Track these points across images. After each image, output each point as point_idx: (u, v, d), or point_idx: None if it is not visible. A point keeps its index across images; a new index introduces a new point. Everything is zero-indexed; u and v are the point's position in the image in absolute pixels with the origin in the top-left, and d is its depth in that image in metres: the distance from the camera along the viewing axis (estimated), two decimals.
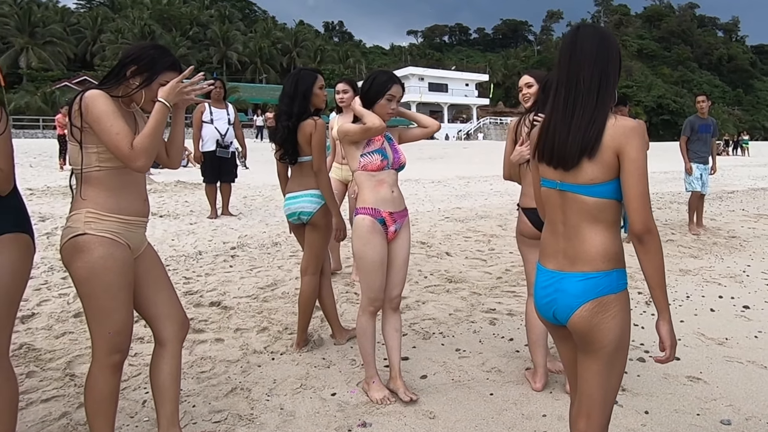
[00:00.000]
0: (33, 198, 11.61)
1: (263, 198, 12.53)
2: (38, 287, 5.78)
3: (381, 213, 3.49)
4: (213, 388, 3.72)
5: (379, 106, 3.51)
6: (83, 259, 2.57)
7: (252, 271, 6.52)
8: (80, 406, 3.46)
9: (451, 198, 13.16)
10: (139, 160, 2.57)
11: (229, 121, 9.55)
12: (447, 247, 7.84)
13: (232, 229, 8.99)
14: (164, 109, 2.66)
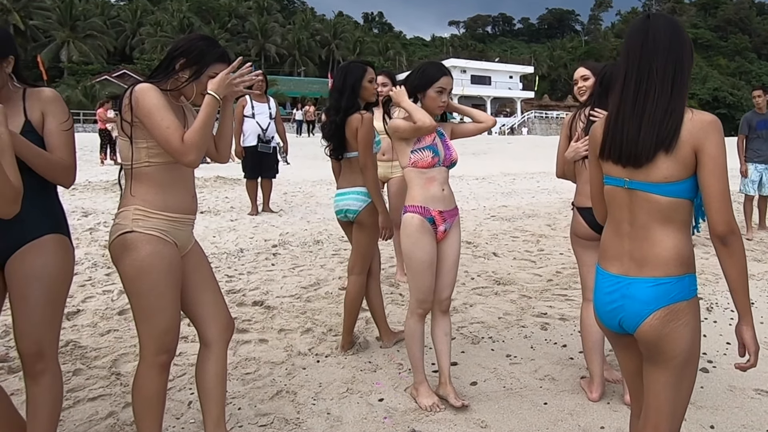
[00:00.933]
0: (75, 193, 11.87)
1: (303, 194, 12.60)
2: (82, 283, 5.90)
3: (430, 211, 3.46)
4: (258, 391, 3.75)
5: (430, 99, 3.47)
6: (131, 257, 2.60)
7: (294, 269, 6.56)
8: (126, 405, 3.52)
9: (497, 195, 13.06)
10: (190, 154, 2.58)
11: (270, 115, 9.58)
12: (494, 247, 7.78)
13: (273, 226, 9.06)
14: (214, 102, 2.65)
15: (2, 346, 4.32)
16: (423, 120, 3.36)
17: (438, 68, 3.53)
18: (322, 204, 10.98)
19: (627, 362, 2.28)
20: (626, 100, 2.07)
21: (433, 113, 3.53)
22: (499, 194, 13.35)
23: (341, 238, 8.12)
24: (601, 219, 2.34)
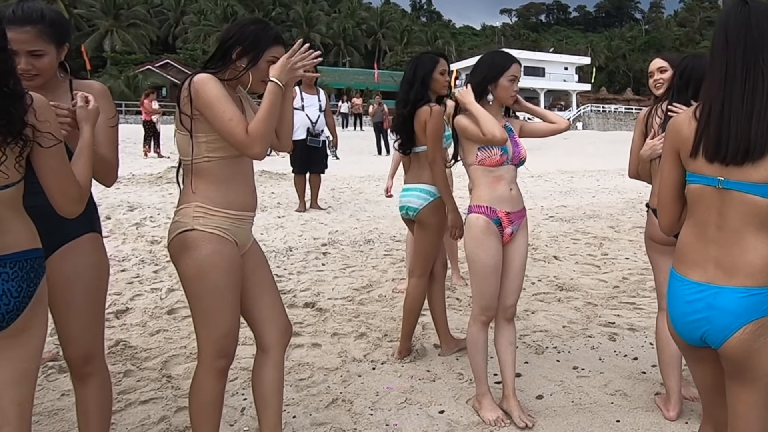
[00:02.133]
0: (120, 186, 12.08)
1: (352, 191, 12.64)
2: (130, 280, 5.99)
3: (497, 213, 3.40)
4: (313, 398, 3.73)
5: (502, 89, 3.40)
6: (191, 257, 2.58)
7: (345, 270, 6.55)
8: (179, 410, 3.54)
9: (554, 195, 12.87)
10: (255, 146, 2.54)
11: (320, 107, 9.58)
12: (554, 250, 7.65)
13: (321, 223, 9.09)
14: (277, 89, 2.60)
15: (52, 344, 4.39)
16: (493, 133, 3.27)
17: (506, 56, 3.47)
18: (371, 201, 10.97)
19: (703, 377, 2.18)
20: (732, 93, 1.96)
21: (506, 104, 3.48)
22: (557, 193, 13.15)
23: (393, 238, 8.10)
24: (668, 224, 2.22)
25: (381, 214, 9.76)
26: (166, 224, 8.68)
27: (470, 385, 3.88)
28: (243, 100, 2.79)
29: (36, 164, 2.03)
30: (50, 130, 2.02)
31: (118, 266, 6.51)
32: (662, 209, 2.22)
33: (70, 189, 2.12)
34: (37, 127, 1.98)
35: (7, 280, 1.96)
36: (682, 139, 2.09)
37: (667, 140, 2.17)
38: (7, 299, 1.95)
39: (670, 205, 2.19)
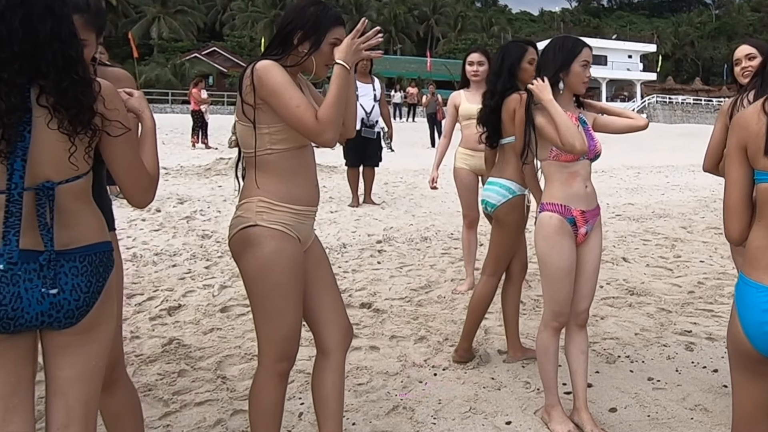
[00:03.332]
0: (168, 178, 12.29)
1: (406, 185, 12.60)
2: (182, 276, 6.07)
3: (572, 211, 3.32)
4: (373, 405, 3.72)
5: (575, 76, 3.32)
6: (254, 254, 2.57)
7: (402, 269, 6.53)
8: (234, 413, 3.57)
9: (621, 192, 12.63)
10: (326, 132, 2.51)
11: (375, 97, 9.50)
12: (623, 251, 7.50)
13: (376, 219, 9.08)
14: (344, 71, 2.57)
15: None
16: (572, 145, 3.18)
17: (575, 40, 3.40)
18: (426, 196, 10.90)
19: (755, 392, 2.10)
20: None
21: (578, 92, 3.40)
22: (623, 190, 12.91)
23: (450, 236, 8.05)
24: (737, 231, 2.11)
25: (437, 210, 9.70)
26: (216, 218, 8.80)
27: (538, 395, 3.82)
28: (304, 86, 2.76)
29: (105, 154, 2.05)
30: (119, 119, 2.03)
31: (169, 261, 6.62)
32: (730, 214, 2.12)
33: (141, 178, 2.15)
34: (106, 115, 2.00)
35: (76, 274, 1.98)
36: (750, 135, 2.01)
37: (733, 137, 2.07)
38: (77, 294, 1.97)
39: (739, 209, 2.09)
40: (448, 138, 6.04)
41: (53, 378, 2.06)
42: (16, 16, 1.83)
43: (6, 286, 1.88)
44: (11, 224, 1.88)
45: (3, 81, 1.82)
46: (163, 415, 3.52)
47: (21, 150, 1.87)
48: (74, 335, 2.02)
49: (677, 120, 55.45)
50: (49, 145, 1.90)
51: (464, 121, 5.73)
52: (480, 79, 5.61)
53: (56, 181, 1.94)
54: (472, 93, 5.67)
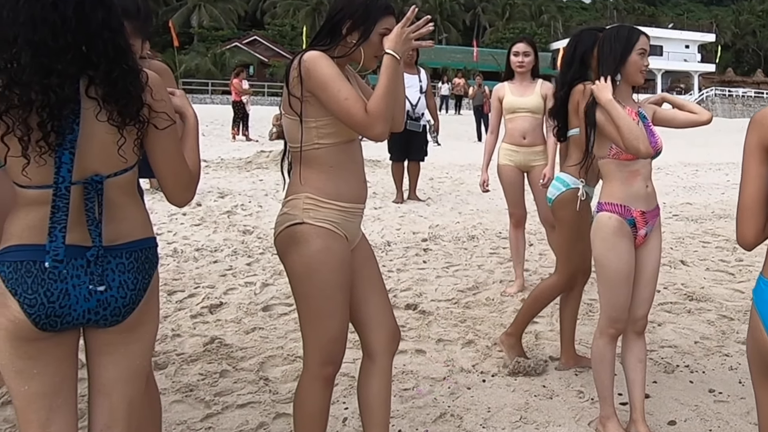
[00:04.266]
0: (209, 171, 12.43)
1: (452, 181, 12.56)
2: (223, 273, 6.13)
3: (631, 212, 3.27)
4: (419, 411, 3.71)
5: (632, 65, 3.26)
6: (299, 252, 2.57)
7: (449, 269, 6.51)
8: (277, 416, 3.59)
9: (678, 190, 12.42)
10: (376, 126, 2.48)
11: (421, 88, 9.45)
12: (681, 253, 7.36)
13: (421, 216, 9.07)
14: (394, 62, 2.53)
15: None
16: (636, 148, 3.11)
17: (630, 28, 3.34)
18: (473, 193, 10.83)
19: None
20: None
21: (636, 82, 3.33)
22: (680, 189, 12.69)
23: (498, 234, 7.99)
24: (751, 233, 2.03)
25: (484, 208, 9.64)
26: (257, 213, 8.86)
27: (592, 405, 3.77)
28: (351, 78, 2.74)
29: (149, 147, 2.06)
30: (165, 110, 2.04)
31: (210, 257, 6.69)
32: (744, 214, 2.02)
33: (183, 174, 2.15)
34: (153, 106, 2.00)
35: (123, 271, 1.99)
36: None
37: (755, 135, 2.00)
38: (123, 291, 1.99)
39: (755, 208, 2.01)
40: (495, 134, 5.96)
41: (97, 377, 2.09)
42: (69, 5, 1.85)
43: (54, 283, 1.90)
44: (57, 220, 1.90)
45: (56, 72, 1.84)
46: (204, 417, 3.55)
47: (69, 143, 1.88)
48: (118, 334, 2.04)
49: (737, 114, 54.26)
50: (97, 138, 1.92)
51: (508, 114, 5.68)
52: (525, 71, 5.56)
53: (105, 175, 1.96)
54: (517, 85, 5.62)
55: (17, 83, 1.81)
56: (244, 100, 20.19)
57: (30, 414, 1.97)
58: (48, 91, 1.82)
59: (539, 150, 5.63)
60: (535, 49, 5.61)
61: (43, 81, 1.82)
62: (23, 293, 1.88)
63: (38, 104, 1.82)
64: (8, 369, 1.95)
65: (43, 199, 1.90)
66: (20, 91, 1.81)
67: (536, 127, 5.62)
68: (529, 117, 5.59)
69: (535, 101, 5.56)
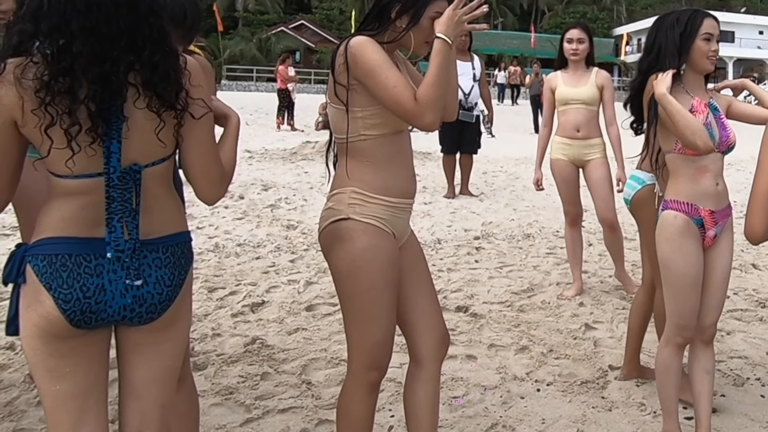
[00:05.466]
0: (252, 162, 12.55)
1: (507, 175, 12.47)
2: (266, 270, 6.18)
3: (699, 211, 3.19)
4: (469, 421, 3.68)
5: (698, 52, 3.18)
6: (345, 250, 2.55)
7: (502, 269, 6.46)
8: (320, 422, 3.59)
9: (748, 188, 12.11)
10: (426, 114, 2.45)
11: (474, 76, 9.41)
12: (752, 256, 7.18)
13: (473, 213, 9.02)
14: (446, 46, 2.48)
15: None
16: (695, 145, 3.04)
17: (693, 11, 3.26)
18: (529, 188, 10.68)
19: None
20: None
21: (705, 70, 3.26)
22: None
23: (555, 233, 7.91)
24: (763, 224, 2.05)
25: (541, 205, 9.54)
26: (302, 207, 8.91)
27: (654, 419, 3.71)
28: (401, 64, 2.72)
29: (184, 136, 2.05)
30: (202, 96, 2.04)
31: (252, 252, 6.74)
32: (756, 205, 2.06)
33: (215, 169, 2.14)
34: (191, 92, 2.01)
35: (160, 266, 2.01)
36: None
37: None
38: (160, 288, 2.01)
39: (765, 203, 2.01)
40: (549, 127, 5.86)
41: (128, 378, 2.10)
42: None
43: (90, 278, 1.91)
44: (114, 210, 1.93)
45: (110, 60, 1.85)
46: (244, 422, 3.57)
47: (116, 131, 1.90)
48: (152, 332, 2.06)
49: None
50: (137, 126, 1.93)
51: (561, 106, 5.60)
52: (579, 59, 5.47)
53: (143, 164, 1.97)
54: (570, 75, 5.54)
55: (67, 72, 1.81)
56: (290, 88, 20.28)
57: (60, 415, 1.99)
58: (101, 79, 1.84)
59: (594, 143, 5.56)
60: (590, 36, 5.52)
61: (96, 69, 1.83)
62: (58, 288, 1.89)
63: (90, 93, 1.83)
64: (39, 368, 1.97)
65: (82, 189, 1.92)
66: (70, 81, 1.82)
67: (591, 120, 5.54)
68: (582, 109, 5.50)
69: (590, 92, 5.47)
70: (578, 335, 4.85)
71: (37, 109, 1.80)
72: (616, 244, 5.71)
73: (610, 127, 5.64)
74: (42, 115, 1.81)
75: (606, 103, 5.57)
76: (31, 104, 1.81)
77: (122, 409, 2.13)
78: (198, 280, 5.63)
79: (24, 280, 1.94)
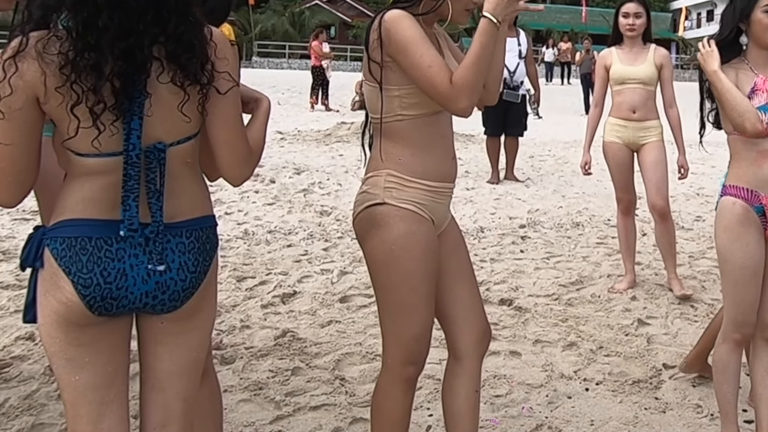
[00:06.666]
0: (284, 144, 12.62)
1: (555, 159, 12.40)
2: (298, 258, 6.22)
3: (761, 199, 3.13)
4: (513, 421, 3.68)
5: (757, 26, 3.11)
6: (380, 237, 2.54)
7: (549, 260, 6.44)
8: (354, 421, 3.61)
9: None
10: (461, 99, 2.40)
11: (520, 53, 9.39)
12: None
13: (519, 199, 9.00)
14: (492, 28, 2.42)
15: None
16: (742, 126, 2.99)
17: None
18: (578, 174, 10.54)
19: None
20: None
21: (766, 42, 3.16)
22: None
23: (607, 222, 7.85)
24: None
25: (591, 191, 9.48)
26: (336, 192, 8.95)
27: (711, 422, 3.68)
28: (440, 38, 2.69)
29: (209, 112, 2.04)
30: (228, 70, 2.04)
31: (284, 240, 6.79)
32: None
33: (241, 146, 2.12)
34: (216, 65, 2.00)
35: (183, 251, 2.01)
36: None
37: None
38: (184, 274, 2.00)
39: None
40: (600, 107, 5.79)
41: (150, 370, 2.11)
42: None
43: (111, 262, 1.91)
44: (130, 188, 1.92)
45: (136, 33, 1.86)
46: (274, 419, 3.60)
47: (138, 107, 1.90)
48: (175, 321, 2.06)
49: None
50: (161, 102, 1.93)
51: (616, 86, 5.53)
52: (636, 35, 5.40)
53: (168, 143, 1.97)
54: (626, 51, 5.47)
55: (93, 48, 1.82)
56: (324, 65, 20.28)
57: (80, 408, 1.99)
58: (127, 54, 1.84)
59: (651, 126, 5.48)
60: (647, 10, 5.44)
61: (122, 44, 1.83)
62: (78, 272, 1.89)
63: (116, 69, 1.83)
64: (59, 357, 1.97)
65: (101, 168, 1.92)
66: (96, 56, 1.82)
67: (648, 100, 5.47)
68: (639, 89, 5.43)
69: (648, 70, 5.40)
70: (630, 331, 4.81)
71: (62, 87, 1.81)
72: (666, 236, 5.58)
73: (669, 109, 5.56)
74: (67, 94, 1.82)
75: (665, 83, 5.49)
76: (54, 81, 1.82)
77: (144, 403, 2.13)
78: (226, 268, 5.69)
79: (42, 264, 1.94)
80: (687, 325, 4.99)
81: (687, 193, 9.41)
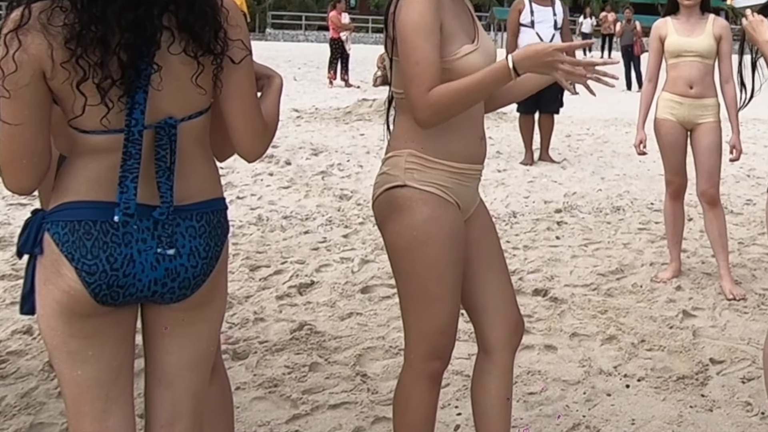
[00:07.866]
0: (301, 123, 12.63)
1: (594, 139, 12.35)
2: (315, 246, 6.25)
3: None
4: (548, 421, 3.68)
5: None
6: (401, 222, 2.53)
7: (587, 247, 6.43)
8: (376, 420, 3.62)
9: None
10: (425, 112, 2.42)
11: (555, 24, 9.41)
12: None
13: (554, 182, 8.98)
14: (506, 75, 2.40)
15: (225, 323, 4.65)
16: None
17: None
18: (619, 154, 10.66)
19: None
20: None
21: None
22: None
23: (650, 206, 7.84)
24: None
25: (633, 173, 9.44)
26: (357, 174, 8.97)
27: (762, 421, 3.67)
28: (463, 15, 2.65)
29: (223, 82, 2.04)
30: (241, 37, 2.04)
31: (300, 226, 6.82)
32: None
33: (256, 119, 2.13)
34: (229, 33, 2.00)
35: (194, 236, 2.00)
36: None
37: None
38: (194, 260, 2.00)
39: None
40: (654, 82, 5.74)
41: (158, 364, 2.11)
42: None
43: (117, 247, 1.90)
44: (129, 168, 1.90)
45: (146, 3, 1.86)
46: (290, 418, 3.61)
47: (143, 79, 1.89)
48: (185, 311, 2.06)
49: None
50: (172, 74, 1.93)
51: (671, 59, 5.48)
52: (694, 4, 5.35)
53: (179, 118, 1.97)
54: (683, 22, 5.41)
55: (100, 20, 1.81)
56: (344, 38, 20.25)
57: (83, 405, 1.99)
58: (135, 26, 1.84)
59: (709, 104, 5.41)
60: None
61: (130, 15, 1.83)
62: (81, 258, 1.88)
63: (123, 42, 1.83)
64: (60, 351, 1.96)
65: (107, 145, 1.92)
66: (103, 29, 1.82)
67: (706, 75, 5.40)
68: (697, 62, 5.37)
69: (706, 43, 5.34)
70: (675, 324, 4.79)
71: (67, 62, 1.81)
72: (716, 224, 5.50)
73: (725, 85, 5.49)
74: (73, 69, 1.82)
75: (723, 57, 5.42)
76: (60, 55, 1.81)
77: (150, 399, 2.13)
78: (238, 257, 5.72)
79: (41, 250, 1.92)
80: (736, 317, 4.97)
81: (737, 174, 9.30)
